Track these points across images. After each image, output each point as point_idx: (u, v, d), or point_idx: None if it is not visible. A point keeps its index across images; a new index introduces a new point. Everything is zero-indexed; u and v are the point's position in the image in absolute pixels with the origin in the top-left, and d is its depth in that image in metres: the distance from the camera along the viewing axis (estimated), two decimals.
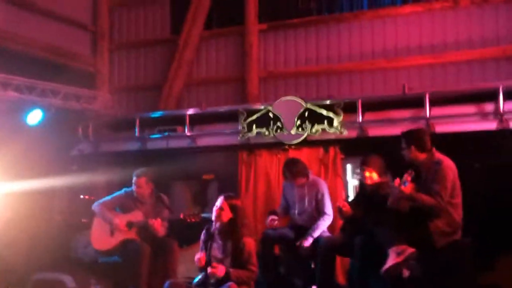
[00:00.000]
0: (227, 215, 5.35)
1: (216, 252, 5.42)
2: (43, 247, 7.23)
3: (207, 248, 5.48)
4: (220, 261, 5.36)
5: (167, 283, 5.41)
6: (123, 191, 6.81)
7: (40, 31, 8.63)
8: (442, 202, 4.98)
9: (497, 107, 6.61)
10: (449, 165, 5.15)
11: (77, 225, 7.70)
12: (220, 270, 5.17)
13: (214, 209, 5.38)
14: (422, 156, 5.30)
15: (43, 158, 7.81)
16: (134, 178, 6.69)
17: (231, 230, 5.35)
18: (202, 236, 5.56)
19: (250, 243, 5.35)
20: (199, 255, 5.35)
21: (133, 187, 6.69)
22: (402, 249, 4.98)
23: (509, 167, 6.32)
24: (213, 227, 5.47)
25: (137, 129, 8.33)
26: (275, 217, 6.63)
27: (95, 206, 6.74)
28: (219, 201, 5.39)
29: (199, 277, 5.37)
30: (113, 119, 8.73)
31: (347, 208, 5.82)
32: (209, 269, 5.18)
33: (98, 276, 6.41)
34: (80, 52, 9.46)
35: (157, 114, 8.52)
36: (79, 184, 8.07)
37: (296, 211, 6.68)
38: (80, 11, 9.55)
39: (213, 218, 5.39)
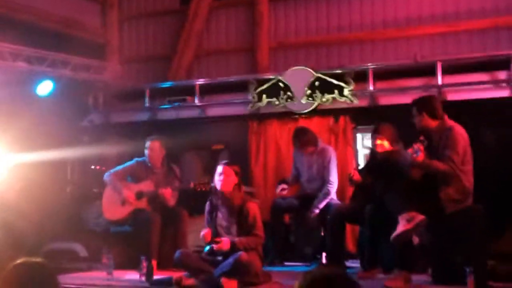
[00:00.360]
0: (232, 181, 5.35)
1: (222, 221, 5.43)
2: (54, 217, 7.27)
3: (212, 219, 5.49)
4: (227, 229, 5.38)
5: (177, 253, 5.44)
6: (134, 160, 6.83)
7: (50, 3, 8.59)
8: (454, 166, 4.94)
9: (510, 75, 6.54)
10: (460, 132, 5.10)
11: (89, 196, 7.74)
12: (225, 243, 5.18)
13: (219, 178, 5.36)
14: (434, 123, 5.25)
15: (54, 129, 7.82)
16: (148, 142, 6.70)
17: (236, 196, 5.35)
18: (207, 207, 5.56)
19: (254, 208, 5.36)
20: (204, 231, 5.36)
21: (146, 152, 6.69)
22: (412, 216, 4.94)
23: None
24: (216, 196, 5.47)
25: (147, 100, 8.32)
26: (285, 186, 6.65)
27: (106, 176, 6.76)
28: (222, 169, 5.37)
29: (209, 247, 5.40)
30: (123, 89, 8.72)
31: (357, 177, 5.82)
32: (214, 246, 5.19)
33: (110, 245, 6.44)
34: (90, 23, 9.42)
35: (167, 84, 8.50)
36: (90, 155, 8.10)
37: (305, 179, 6.68)
38: None
39: (219, 187, 5.38)
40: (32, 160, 7.30)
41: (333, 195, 6.45)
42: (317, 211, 6.32)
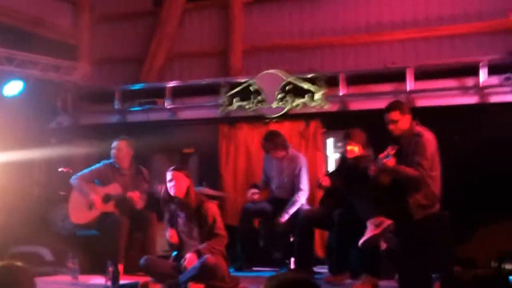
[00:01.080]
0: (184, 184, 5.29)
1: (182, 227, 5.38)
2: (20, 220, 7.16)
3: (173, 226, 5.43)
4: (188, 234, 5.33)
5: (143, 258, 5.39)
6: (101, 163, 6.75)
7: (20, 2, 8.46)
8: (422, 171, 4.96)
9: (478, 82, 6.60)
10: (429, 137, 5.13)
11: (55, 198, 7.63)
12: (192, 259, 5.10)
13: (171, 184, 5.29)
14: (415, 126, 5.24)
15: (21, 130, 7.71)
16: (115, 142, 6.63)
17: (191, 198, 5.29)
18: (166, 216, 5.50)
19: (212, 207, 5.33)
20: (169, 232, 5.31)
21: (113, 152, 6.61)
22: (380, 221, 4.96)
23: (489, 142, 6.32)
24: (172, 203, 5.41)
25: (117, 102, 8.23)
26: (256, 190, 6.63)
27: (73, 180, 6.66)
28: (171, 175, 5.30)
29: (176, 252, 5.35)
30: (92, 91, 8.61)
31: (326, 183, 5.81)
32: (183, 264, 5.12)
33: (76, 249, 6.35)
34: (61, 24, 9.29)
35: (138, 86, 8.40)
36: (58, 157, 7.99)
37: (275, 185, 6.66)
38: None
39: (172, 193, 5.31)
40: None
41: (302, 202, 6.44)
42: (286, 216, 6.30)
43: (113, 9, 9.75)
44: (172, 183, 5.28)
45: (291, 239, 6.36)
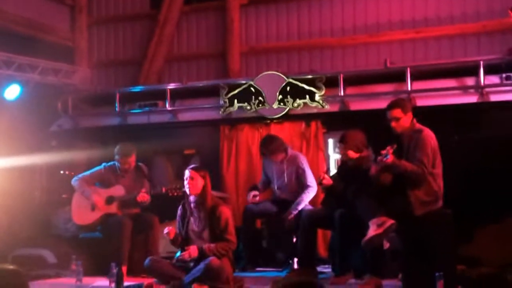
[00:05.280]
0: (199, 183, 5.33)
1: (193, 226, 5.41)
2: (23, 223, 7.18)
3: (184, 224, 5.47)
4: (198, 234, 5.37)
5: (148, 259, 5.42)
6: (102, 166, 6.75)
7: (18, 5, 8.47)
8: (423, 167, 4.98)
9: (478, 81, 6.64)
10: (429, 134, 5.14)
11: (58, 201, 7.64)
12: (192, 251, 5.17)
13: (187, 182, 5.36)
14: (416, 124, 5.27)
15: (22, 134, 7.71)
16: (126, 157, 6.57)
17: (206, 199, 5.34)
18: (179, 212, 5.55)
19: (227, 212, 5.37)
20: (167, 229, 5.33)
21: (122, 164, 6.59)
22: (383, 220, 4.99)
23: (489, 140, 6.37)
24: (189, 201, 5.45)
25: (117, 104, 8.23)
26: (257, 193, 6.66)
27: (74, 181, 6.68)
28: (187, 173, 5.38)
29: (179, 253, 5.37)
30: (92, 94, 8.61)
31: (327, 181, 5.81)
32: (182, 254, 5.18)
33: (79, 251, 6.37)
34: (59, 27, 9.31)
35: (138, 88, 8.41)
36: (59, 160, 7.99)
37: (276, 187, 6.69)
38: None
39: (188, 191, 5.37)
40: (0, 165, 7.18)
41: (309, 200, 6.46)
42: (295, 212, 6.31)
43: (110, 12, 9.77)
44: (189, 181, 5.35)
45: (294, 240, 6.39)
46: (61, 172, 8.12)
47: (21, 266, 5.43)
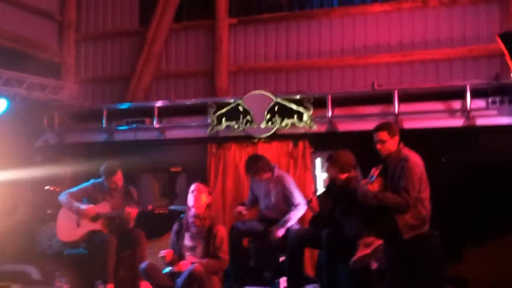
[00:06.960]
0: (204, 199, 5.37)
1: (188, 241, 5.41)
2: (7, 239, 7.09)
3: (178, 239, 5.46)
4: (192, 250, 5.37)
5: (143, 265, 5.43)
6: (90, 182, 6.71)
7: (5, 20, 8.47)
8: (408, 198, 5.01)
9: (464, 105, 6.72)
10: (416, 161, 5.17)
11: (42, 217, 7.57)
12: (183, 265, 5.19)
13: (192, 194, 5.38)
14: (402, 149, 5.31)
15: (7, 149, 7.65)
16: (111, 176, 6.53)
17: (206, 216, 5.34)
18: (175, 227, 5.55)
19: (223, 231, 5.43)
20: (164, 252, 5.32)
21: (109, 183, 6.55)
22: (371, 241, 5.02)
23: (475, 163, 6.44)
24: (187, 215, 5.45)
25: (104, 120, 8.20)
26: (242, 208, 6.67)
27: (61, 197, 6.62)
28: (195, 186, 5.44)
29: (168, 269, 5.35)
30: (79, 110, 8.59)
31: (314, 204, 5.84)
32: (173, 268, 5.18)
33: (64, 268, 6.30)
34: (46, 42, 9.32)
35: (125, 105, 8.41)
36: (44, 176, 7.93)
37: (263, 206, 6.70)
38: (47, 1, 9.38)
39: (191, 203, 5.39)
40: None
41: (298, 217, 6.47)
42: (282, 231, 6.32)
43: (99, 28, 9.79)
44: (194, 193, 5.41)
45: (281, 258, 6.38)
46: (46, 187, 8.05)
47: (5, 282, 5.39)
